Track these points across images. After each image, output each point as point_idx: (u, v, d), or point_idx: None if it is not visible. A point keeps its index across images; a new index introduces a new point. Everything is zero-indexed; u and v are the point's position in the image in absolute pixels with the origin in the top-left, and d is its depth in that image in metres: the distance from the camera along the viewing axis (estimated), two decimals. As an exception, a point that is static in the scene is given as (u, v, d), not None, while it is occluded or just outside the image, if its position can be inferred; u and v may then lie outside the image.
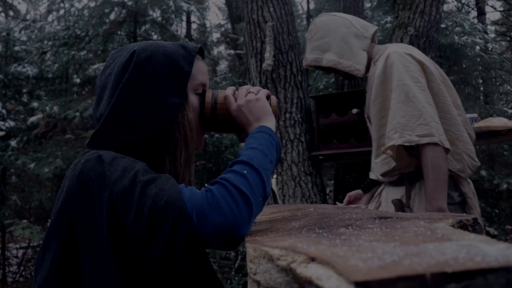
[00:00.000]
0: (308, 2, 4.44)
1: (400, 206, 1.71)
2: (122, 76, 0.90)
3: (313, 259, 0.42)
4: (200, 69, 0.99)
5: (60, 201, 0.83)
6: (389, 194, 1.85)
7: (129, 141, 0.89)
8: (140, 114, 0.88)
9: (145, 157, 0.89)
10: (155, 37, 6.22)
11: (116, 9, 5.81)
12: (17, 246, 6.37)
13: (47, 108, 5.12)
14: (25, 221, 4.87)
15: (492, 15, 16.91)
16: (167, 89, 0.91)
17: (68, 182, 0.83)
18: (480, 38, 5.49)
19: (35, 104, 5.59)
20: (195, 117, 0.97)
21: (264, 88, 3.16)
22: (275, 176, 1.67)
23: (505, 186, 4.92)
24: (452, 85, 1.70)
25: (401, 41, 3.14)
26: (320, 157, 2.99)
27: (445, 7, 6.86)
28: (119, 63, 0.92)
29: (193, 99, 0.97)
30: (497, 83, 7.42)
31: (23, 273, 5.74)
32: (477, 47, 5.38)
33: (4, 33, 5.80)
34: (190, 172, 0.98)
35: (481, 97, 6.94)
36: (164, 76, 0.91)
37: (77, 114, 4.98)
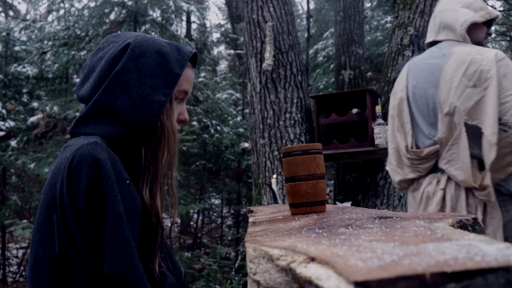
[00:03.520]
0: (308, 2, 4.44)
1: None
2: (113, 65, 0.91)
3: (312, 259, 0.42)
4: (186, 77, 0.99)
5: (49, 197, 0.84)
6: None
7: (111, 130, 0.90)
8: (124, 104, 0.90)
9: (125, 150, 0.91)
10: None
11: (116, 9, 5.81)
12: (17, 246, 6.37)
13: (47, 108, 5.12)
14: (25, 221, 4.86)
15: (492, 15, 16.89)
16: (155, 86, 0.92)
17: (59, 182, 0.83)
18: (480, 38, 5.48)
19: (35, 104, 5.58)
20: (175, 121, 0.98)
21: (264, 88, 3.17)
22: (275, 176, 1.66)
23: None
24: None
25: (401, 41, 3.14)
26: (320, 157, 2.99)
27: (445, 7, 6.85)
28: (112, 51, 0.93)
29: (174, 103, 0.98)
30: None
31: (23, 273, 5.74)
32: (477, 47, 5.39)
33: (4, 33, 5.80)
34: (171, 175, 0.99)
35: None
36: (154, 74, 0.93)
37: (77, 114, 4.98)
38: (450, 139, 1.67)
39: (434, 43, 1.89)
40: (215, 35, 10.79)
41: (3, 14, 9.76)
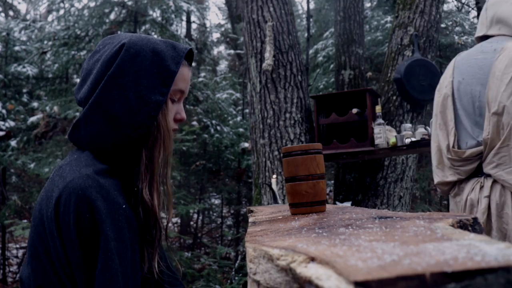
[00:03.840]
0: (308, 2, 4.44)
1: None
2: (109, 66, 0.91)
3: (313, 259, 0.42)
4: (182, 76, 0.98)
5: (38, 221, 0.86)
6: None
7: (108, 134, 0.90)
8: (122, 107, 0.89)
9: (123, 152, 0.91)
10: (155, 37, 6.22)
11: (116, 9, 5.81)
12: (17, 246, 6.38)
13: (47, 108, 5.11)
14: (25, 221, 4.86)
15: (492, 15, 16.86)
16: (152, 86, 0.92)
17: (49, 212, 0.84)
18: (480, 38, 5.48)
19: (35, 104, 5.58)
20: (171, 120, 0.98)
21: (264, 88, 3.17)
22: (274, 176, 1.66)
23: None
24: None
25: (401, 41, 3.14)
26: (320, 157, 2.99)
27: (445, 7, 6.86)
28: (108, 52, 0.93)
29: (169, 102, 0.97)
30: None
31: (23, 273, 5.73)
32: (477, 47, 5.39)
33: (4, 33, 5.80)
34: (167, 174, 0.99)
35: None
36: (150, 73, 0.92)
37: (77, 114, 4.97)
38: (497, 141, 1.53)
39: (484, 37, 1.76)
40: (215, 35, 10.79)
41: (3, 14, 9.76)
